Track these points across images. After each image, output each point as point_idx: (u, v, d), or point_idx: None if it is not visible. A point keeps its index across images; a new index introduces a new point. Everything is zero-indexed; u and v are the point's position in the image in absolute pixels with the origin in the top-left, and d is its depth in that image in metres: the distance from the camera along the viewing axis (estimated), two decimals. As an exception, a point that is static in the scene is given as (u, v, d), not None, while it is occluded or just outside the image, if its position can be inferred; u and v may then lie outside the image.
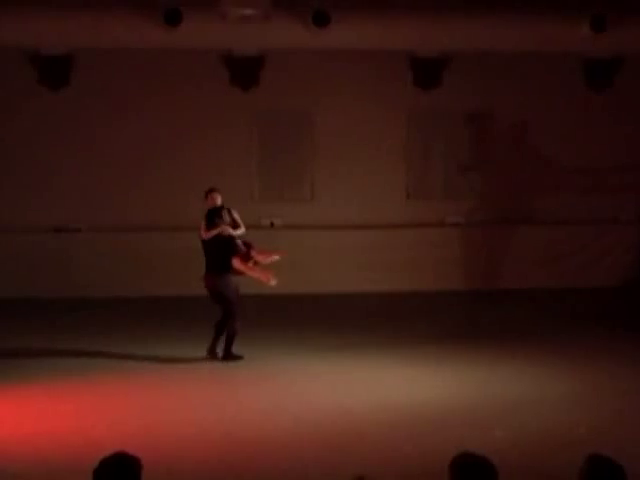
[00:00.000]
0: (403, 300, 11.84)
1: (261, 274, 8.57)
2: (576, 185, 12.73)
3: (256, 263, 8.64)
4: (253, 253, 8.62)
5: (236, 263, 8.43)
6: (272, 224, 12.46)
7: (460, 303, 11.72)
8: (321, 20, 10.63)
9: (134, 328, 9.78)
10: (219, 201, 8.81)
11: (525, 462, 5.93)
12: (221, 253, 8.48)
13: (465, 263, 12.45)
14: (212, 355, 8.54)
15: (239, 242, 8.63)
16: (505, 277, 12.38)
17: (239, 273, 8.51)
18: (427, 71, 12.39)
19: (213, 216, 8.63)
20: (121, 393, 7.69)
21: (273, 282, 8.52)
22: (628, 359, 8.63)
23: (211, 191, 8.88)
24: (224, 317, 8.52)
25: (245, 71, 12.21)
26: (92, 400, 7.43)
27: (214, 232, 8.50)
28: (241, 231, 8.79)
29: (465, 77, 12.38)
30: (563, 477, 4.50)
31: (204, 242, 8.59)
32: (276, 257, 8.82)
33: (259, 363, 8.47)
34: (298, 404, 7.30)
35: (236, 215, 8.89)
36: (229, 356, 8.50)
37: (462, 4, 11.00)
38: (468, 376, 8.09)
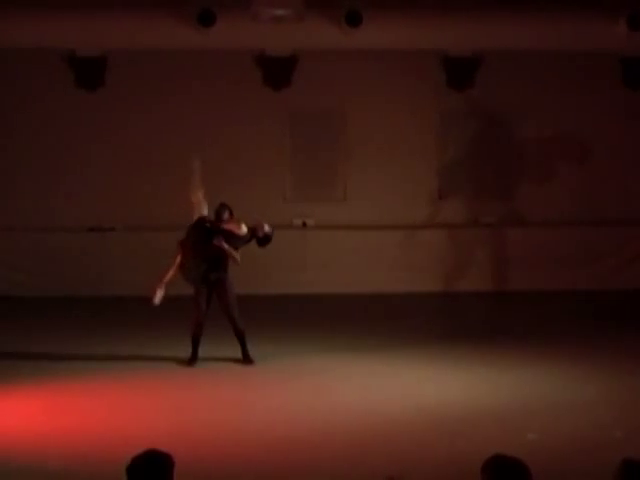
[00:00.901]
0: (434, 300, 11.80)
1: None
2: (609, 185, 12.59)
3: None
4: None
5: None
6: (304, 224, 12.49)
7: (491, 304, 11.65)
8: (354, 20, 10.63)
9: (168, 327, 9.83)
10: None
11: (558, 465, 5.87)
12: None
13: (497, 264, 12.36)
14: (248, 361, 8.54)
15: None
16: (537, 278, 12.26)
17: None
18: (460, 71, 12.33)
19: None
20: (153, 392, 7.74)
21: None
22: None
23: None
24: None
25: (278, 71, 12.25)
26: (125, 398, 7.50)
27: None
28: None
29: (498, 77, 12.30)
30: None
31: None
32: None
33: (288, 363, 8.48)
34: (328, 404, 7.30)
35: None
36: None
37: (495, 3, 10.94)
38: (499, 377, 8.03)
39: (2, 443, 6.27)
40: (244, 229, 8.47)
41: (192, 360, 8.42)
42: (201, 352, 8.52)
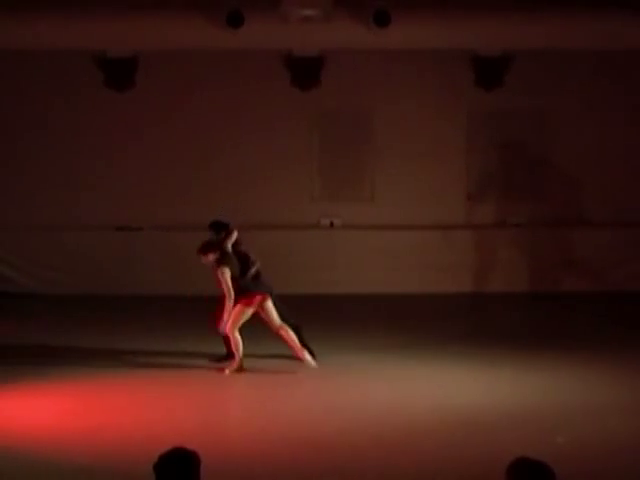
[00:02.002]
0: (463, 301, 11.75)
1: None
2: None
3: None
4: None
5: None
6: (332, 224, 12.50)
7: (521, 305, 11.58)
8: (382, 20, 10.62)
9: (197, 326, 9.88)
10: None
11: (587, 470, 5.82)
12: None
13: (527, 265, 12.28)
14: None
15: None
16: (567, 280, 12.16)
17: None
18: (489, 70, 12.26)
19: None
20: (181, 390, 7.79)
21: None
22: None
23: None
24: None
25: (306, 71, 12.27)
26: (153, 396, 7.55)
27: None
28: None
29: (528, 76, 12.22)
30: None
31: None
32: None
33: (317, 363, 8.49)
34: (357, 404, 7.30)
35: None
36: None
37: (525, 1, 10.86)
38: (528, 380, 7.97)
39: (31, 440, 6.34)
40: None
41: (225, 358, 8.42)
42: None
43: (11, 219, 12.20)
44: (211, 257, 8.23)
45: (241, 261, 8.36)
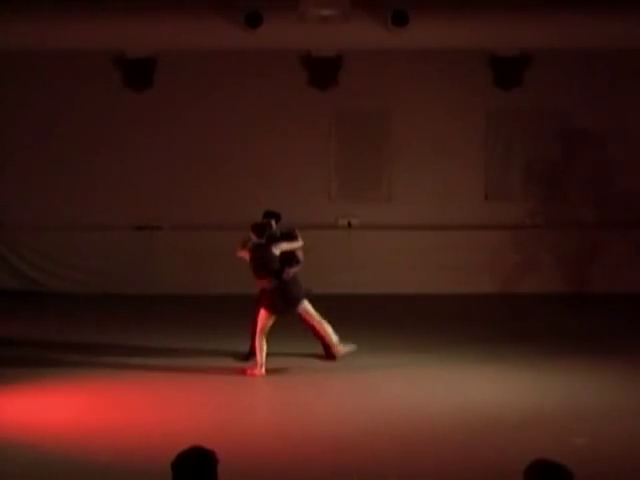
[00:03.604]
0: (481, 302, 11.71)
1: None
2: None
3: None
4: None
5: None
6: (349, 224, 12.50)
7: (539, 306, 11.51)
8: (400, 20, 10.61)
9: (215, 325, 9.94)
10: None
11: (606, 471, 5.79)
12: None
13: (546, 265, 12.22)
14: (330, 357, 8.55)
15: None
16: (588, 280, 12.09)
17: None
18: (508, 70, 12.22)
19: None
20: (200, 389, 7.82)
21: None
22: None
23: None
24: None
25: (323, 72, 12.28)
26: (171, 394, 7.58)
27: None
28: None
29: (547, 76, 12.17)
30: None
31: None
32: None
33: (337, 363, 8.50)
34: (375, 404, 7.30)
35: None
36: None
37: (544, 0, 10.81)
38: (548, 381, 7.94)
39: (52, 437, 6.40)
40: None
41: (249, 357, 8.44)
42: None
43: (33, 219, 12.30)
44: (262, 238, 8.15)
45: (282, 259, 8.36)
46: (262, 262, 8.19)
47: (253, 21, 10.68)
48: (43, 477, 5.71)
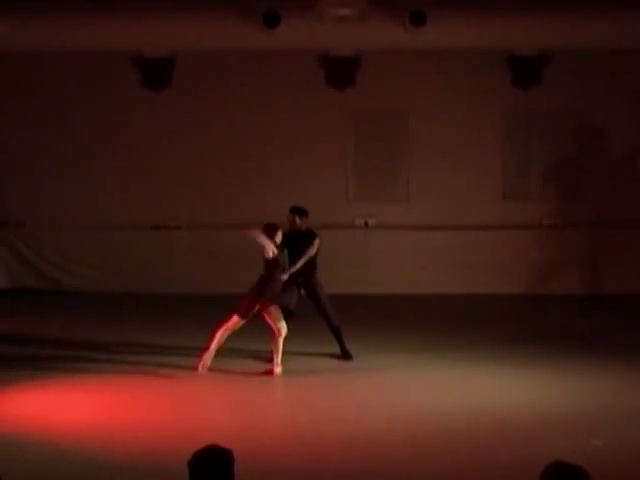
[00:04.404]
0: (498, 302, 11.67)
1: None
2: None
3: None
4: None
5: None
6: (366, 224, 12.49)
7: (555, 307, 11.46)
8: (418, 19, 10.59)
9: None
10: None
11: (623, 473, 5.75)
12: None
13: (562, 266, 12.16)
14: (346, 357, 8.55)
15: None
16: (604, 282, 12.02)
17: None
18: (526, 70, 12.17)
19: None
20: (216, 388, 7.85)
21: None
22: None
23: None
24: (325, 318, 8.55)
25: (341, 71, 12.29)
26: (188, 393, 7.61)
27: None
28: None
29: (566, 75, 12.10)
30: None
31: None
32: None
33: (353, 363, 8.50)
34: (392, 405, 7.28)
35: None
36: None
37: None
38: (565, 382, 7.90)
39: (69, 436, 6.43)
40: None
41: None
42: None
43: (53, 219, 12.39)
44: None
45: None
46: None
47: (271, 21, 10.70)
48: (60, 475, 5.74)
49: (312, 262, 8.57)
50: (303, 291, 8.62)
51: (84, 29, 11.09)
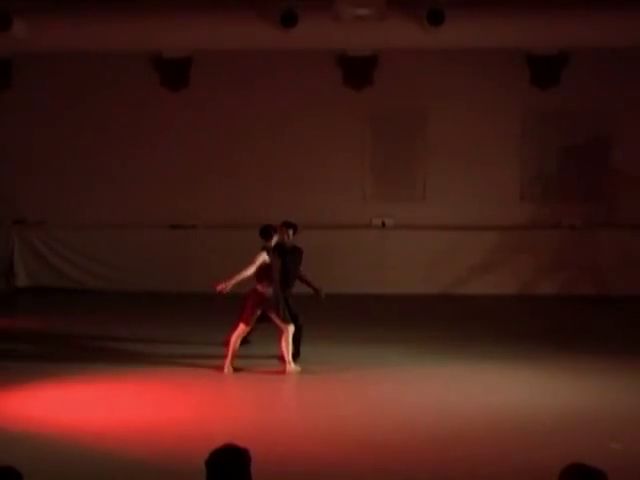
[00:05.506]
0: (515, 302, 11.62)
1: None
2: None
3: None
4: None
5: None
6: (383, 224, 12.47)
7: (574, 308, 11.39)
8: (436, 18, 10.56)
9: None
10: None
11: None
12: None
13: (580, 267, 12.08)
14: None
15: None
16: (623, 283, 11.93)
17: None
18: (545, 69, 12.11)
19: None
20: (234, 387, 7.86)
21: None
22: None
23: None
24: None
25: (359, 71, 12.28)
26: (209, 393, 7.62)
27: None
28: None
29: (585, 75, 12.03)
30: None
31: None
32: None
33: (370, 362, 8.48)
34: (408, 405, 7.26)
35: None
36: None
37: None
38: (584, 383, 7.84)
39: (87, 433, 6.46)
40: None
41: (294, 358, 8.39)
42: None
43: (71, 218, 12.47)
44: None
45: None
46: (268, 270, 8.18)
47: (288, 21, 10.71)
48: (82, 473, 5.77)
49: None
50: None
51: (103, 30, 11.15)
